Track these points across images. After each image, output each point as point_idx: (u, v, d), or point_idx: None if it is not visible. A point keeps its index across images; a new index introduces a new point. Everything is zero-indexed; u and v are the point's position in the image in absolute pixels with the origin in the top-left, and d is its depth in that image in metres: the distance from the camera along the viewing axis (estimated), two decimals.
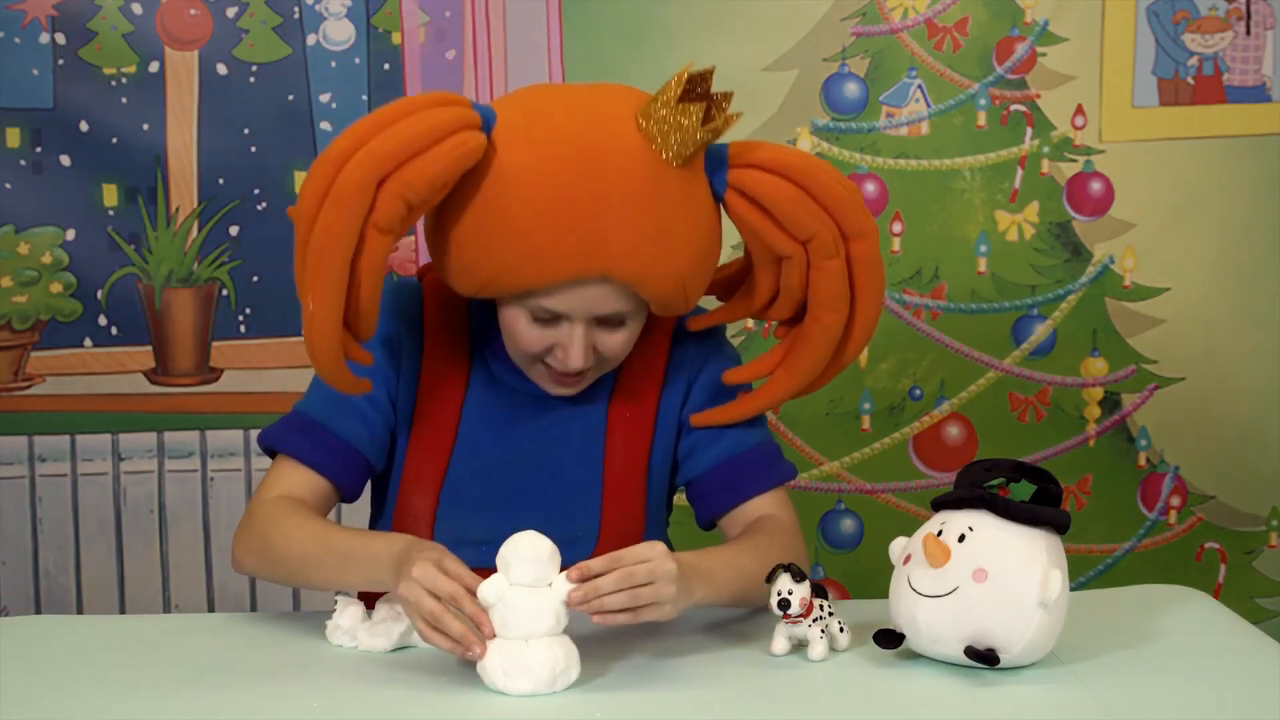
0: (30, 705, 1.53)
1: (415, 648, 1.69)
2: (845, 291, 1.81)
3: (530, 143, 1.71)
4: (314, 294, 1.69)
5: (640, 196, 1.70)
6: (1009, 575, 1.54)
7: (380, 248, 1.69)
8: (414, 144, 1.67)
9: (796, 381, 1.87)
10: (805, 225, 1.77)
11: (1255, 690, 1.55)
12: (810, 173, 1.78)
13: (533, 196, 1.69)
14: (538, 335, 1.78)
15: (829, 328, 1.83)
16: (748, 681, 1.58)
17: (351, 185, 1.65)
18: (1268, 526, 2.77)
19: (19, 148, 2.65)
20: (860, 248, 1.81)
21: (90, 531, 2.72)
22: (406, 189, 1.67)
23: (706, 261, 1.80)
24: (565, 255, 1.70)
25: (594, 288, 1.73)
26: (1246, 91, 2.69)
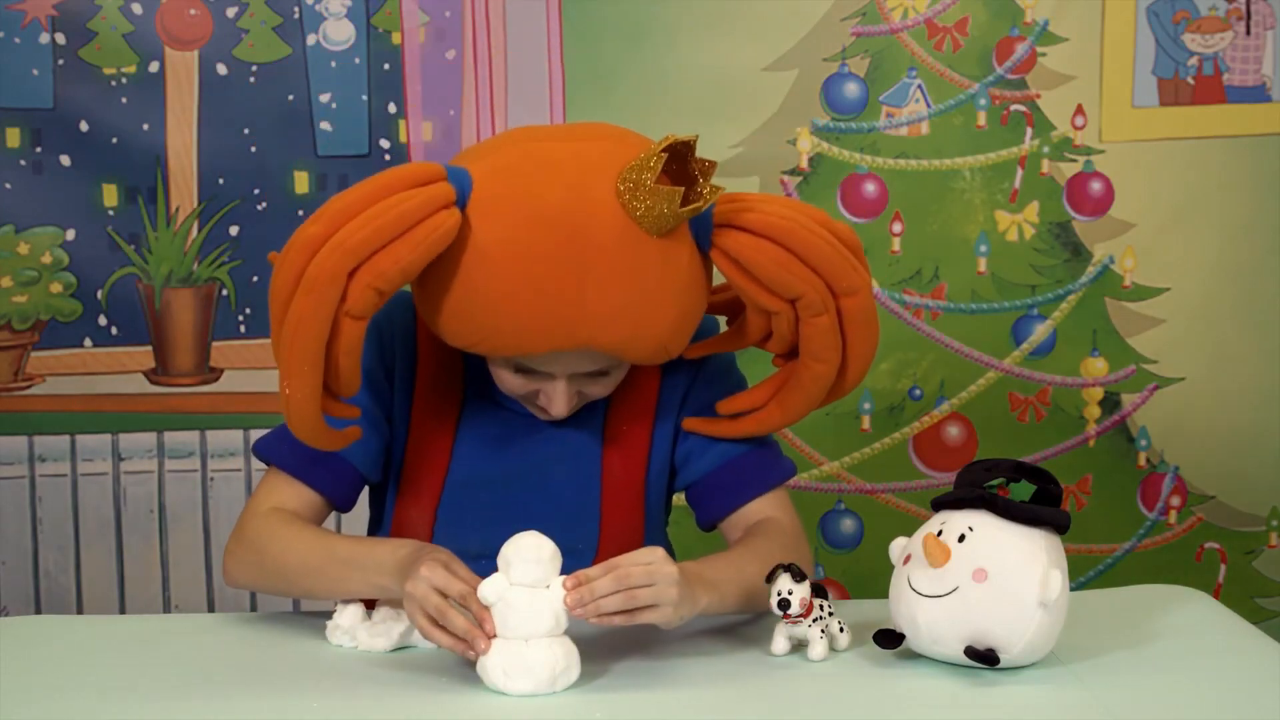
0: (30, 705, 1.53)
1: (415, 648, 1.69)
2: (836, 343, 1.80)
3: (507, 216, 1.69)
4: (288, 380, 1.70)
5: (620, 268, 1.68)
6: (1009, 575, 1.54)
7: (353, 332, 1.68)
8: (386, 232, 1.65)
9: (788, 418, 1.87)
10: (791, 287, 1.75)
11: (1255, 690, 1.55)
12: (796, 234, 1.74)
13: (510, 271, 1.68)
14: (521, 383, 1.79)
15: (820, 377, 1.82)
16: (748, 681, 1.58)
17: (324, 277, 1.64)
18: (1268, 526, 2.77)
19: (19, 148, 2.65)
20: (851, 304, 1.78)
21: (90, 531, 2.72)
22: (378, 278, 1.65)
23: (690, 319, 1.79)
24: (545, 329, 1.69)
25: (574, 355, 1.73)
26: (1246, 91, 2.69)
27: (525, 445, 1.88)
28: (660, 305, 1.73)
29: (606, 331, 1.70)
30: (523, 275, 1.67)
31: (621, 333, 1.71)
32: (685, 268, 1.74)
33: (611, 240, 1.68)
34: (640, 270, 1.70)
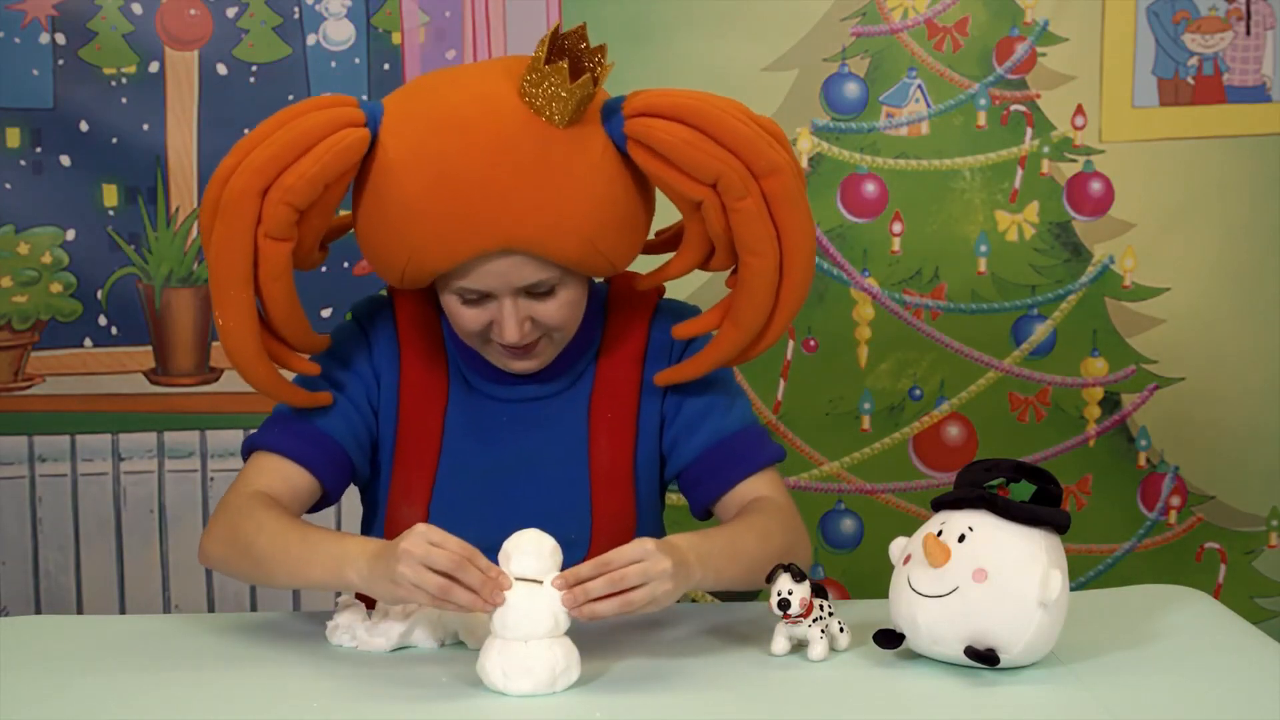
0: (30, 705, 1.53)
1: (415, 647, 1.69)
2: (768, 231, 1.77)
3: (412, 128, 1.74)
4: (220, 310, 1.74)
5: (527, 164, 1.71)
6: (1009, 575, 1.55)
7: (276, 255, 1.72)
8: (291, 149, 1.70)
9: (742, 332, 1.84)
10: (707, 167, 1.74)
11: (1255, 690, 1.55)
12: (705, 113, 1.74)
13: (419, 180, 1.71)
14: (473, 315, 1.79)
15: (759, 272, 1.79)
16: (748, 681, 1.58)
17: (235, 197, 1.70)
18: (1268, 526, 2.77)
19: (19, 148, 2.65)
20: (773, 184, 1.76)
21: (90, 531, 2.72)
22: (288, 194, 1.70)
23: (619, 219, 1.78)
24: (461, 233, 1.71)
25: (502, 260, 1.73)
26: (1246, 91, 2.69)
27: (512, 435, 1.89)
28: (576, 196, 1.73)
29: (524, 224, 1.71)
30: (435, 178, 1.71)
31: (540, 224, 1.71)
32: (599, 161, 1.75)
33: (517, 133, 1.71)
34: (550, 160, 1.72)
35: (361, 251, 1.82)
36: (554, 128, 1.72)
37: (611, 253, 1.79)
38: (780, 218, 1.78)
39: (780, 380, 2.72)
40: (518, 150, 1.71)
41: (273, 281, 1.74)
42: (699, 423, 1.90)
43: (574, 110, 1.71)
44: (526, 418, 1.88)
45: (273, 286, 1.74)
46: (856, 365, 2.72)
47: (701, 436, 1.90)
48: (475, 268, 1.74)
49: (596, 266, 1.79)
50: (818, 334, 2.71)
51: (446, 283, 1.77)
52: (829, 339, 2.71)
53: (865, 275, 2.70)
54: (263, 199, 1.70)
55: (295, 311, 1.78)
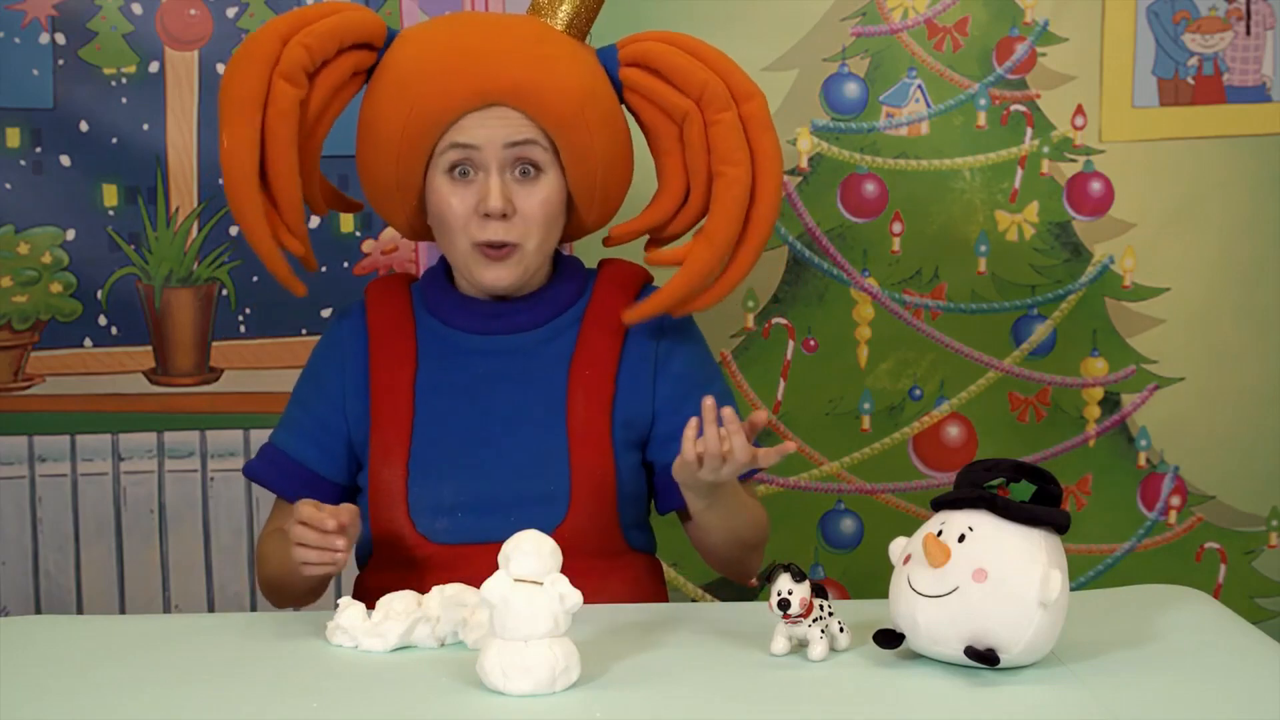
0: (30, 705, 1.53)
1: (415, 647, 1.70)
2: (744, 144, 1.94)
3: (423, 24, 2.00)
4: (224, 128, 1.89)
5: (529, 34, 1.92)
6: (1009, 575, 1.55)
7: (285, 96, 1.87)
8: (317, 11, 1.91)
9: (714, 250, 1.94)
10: (695, 78, 1.93)
11: (1255, 690, 1.55)
12: (689, 40, 1.99)
13: (424, 42, 1.92)
14: (459, 196, 1.89)
15: (735, 180, 1.93)
16: (748, 681, 1.58)
17: (259, 35, 1.90)
18: (1268, 526, 2.77)
19: (19, 148, 2.65)
20: (750, 108, 1.95)
21: (90, 531, 2.72)
22: (306, 35, 1.87)
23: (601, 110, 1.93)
24: (459, 79, 1.86)
25: (494, 112, 1.87)
26: (1246, 91, 2.69)
27: (491, 390, 1.93)
28: (567, 70, 1.91)
29: (517, 77, 1.87)
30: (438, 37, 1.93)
31: (531, 79, 1.87)
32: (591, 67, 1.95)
33: (520, 21, 1.96)
34: (547, 38, 1.93)
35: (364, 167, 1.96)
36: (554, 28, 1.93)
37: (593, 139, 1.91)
38: (754, 140, 1.95)
39: (780, 380, 2.72)
40: (517, 28, 1.93)
41: (278, 122, 1.88)
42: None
43: (574, 10, 1.95)
44: (504, 373, 1.94)
45: (277, 128, 1.88)
46: (856, 365, 2.72)
47: None
48: (466, 120, 1.87)
49: (576, 149, 1.90)
50: (818, 334, 2.71)
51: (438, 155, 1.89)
52: (829, 339, 2.71)
53: (865, 275, 2.70)
54: (284, 45, 1.87)
55: (293, 173, 1.90)
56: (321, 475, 1.99)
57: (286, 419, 2.05)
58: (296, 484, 1.99)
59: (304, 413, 2.02)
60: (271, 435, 2.06)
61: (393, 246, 2.65)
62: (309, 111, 1.91)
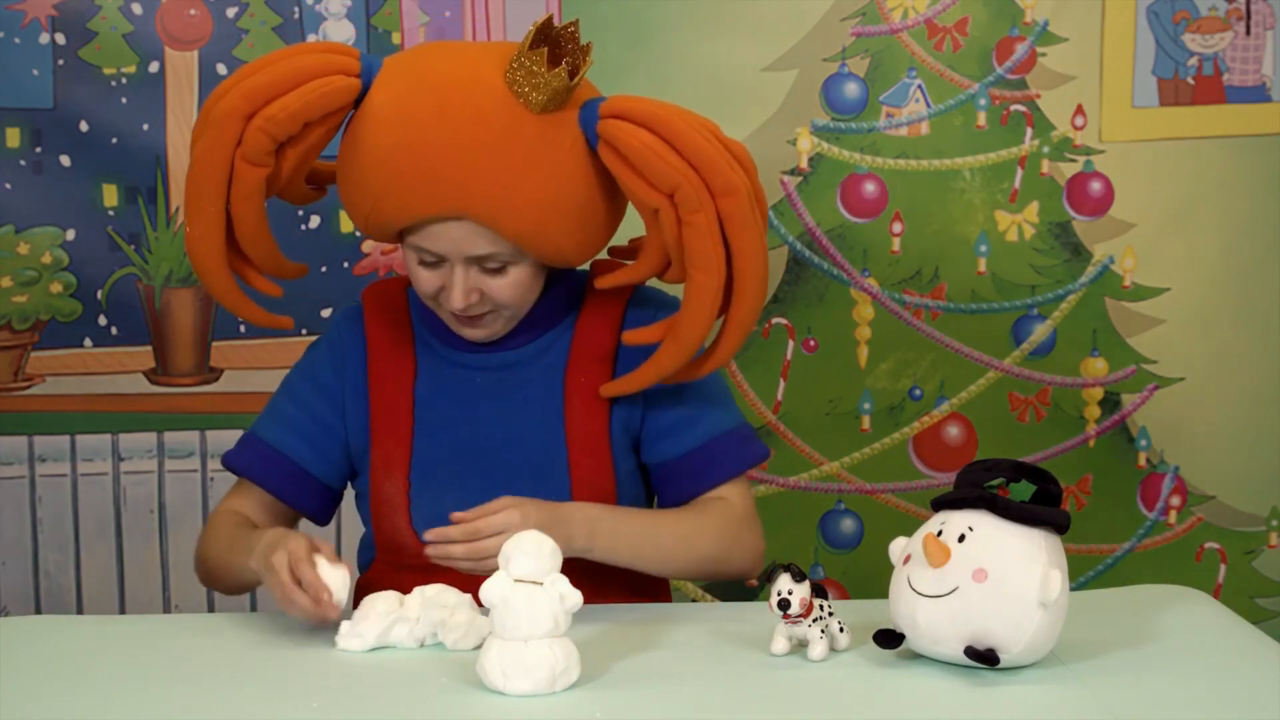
0: (30, 705, 1.53)
1: (395, 648, 1.69)
2: (716, 250, 1.81)
3: (398, 85, 1.82)
4: (188, 216, 1.86)
5: (494, 139, 1.78)
6: (1009, 575, 1.55)
7: (249, 178, 1.82)
8: (282, 83, 1.80)
9: (680, 348, 1.87)
10: (666, 176, 1.79)
11: (1255, 690, 1.55)
12: (672, 124, 1.80)
13: (390, 134, 1.80)
14: (427, 277, 1.86)
15: (703, 287, 1.83)
16: (748, 681, 1.58)
17: (221, 117, 1.81)
18: (1268, 526, 2.77)
19: (19, 148, 2.65)
20: (729, 204, 1.81)
21: (90, 531, 2.72)
22: (268, 123, 1.79)
23: (576, 210, 1.83)
24: (417, 193, 1.79)
25: (454, 225, 1.80)
26: (1246, 91, 2.69)
27: (488, 402, 1.93)
28: (534, 178, 1.79)
29: (479, 194, 1.78)
30: (405, 134, 1.79)
31: (494, 196, 1.78)
32: (566, 153, 1.81)
33: (491, 109, 1.78)
34: (516, 140, 1.78)
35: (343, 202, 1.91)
36: (528, 111, 1.79)
37: (563, 242, 1.84)
38: (733, 238, 1.82)
39: (780, 380, 2.72)
40: (487, 125, 1.78)
41: (243, 202, 1.84)
42: (689, 424, 1.94)
43: (549, 98, 1.78)
44: (501, 385, 1.94)
45: (242, 207, 1.85)
46: (856, 365, 2.72)
47: (690, 438, 1.93)
48: (430, 229, 1.81)
49: (545, 251, 1.84)
50: (818, 334, 2.71)
51: (406, 239, 1.85)
52: (829, 339, 2.71)
53: (865, 275, 2.70)
54: (247, 123, 1.80)
55: (263, 235, 1.88)
56: (310, 473, 1.97)
57: (277, 413, 2.01)
58: (282, 478, 1.97)
59: (299, 410, 1.99)
60: (255, 426, 2.02)
61: (393, 247, 2.65)
62: (277, 177, 1.86)
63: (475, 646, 1.65)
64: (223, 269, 1.89)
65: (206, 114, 1.84)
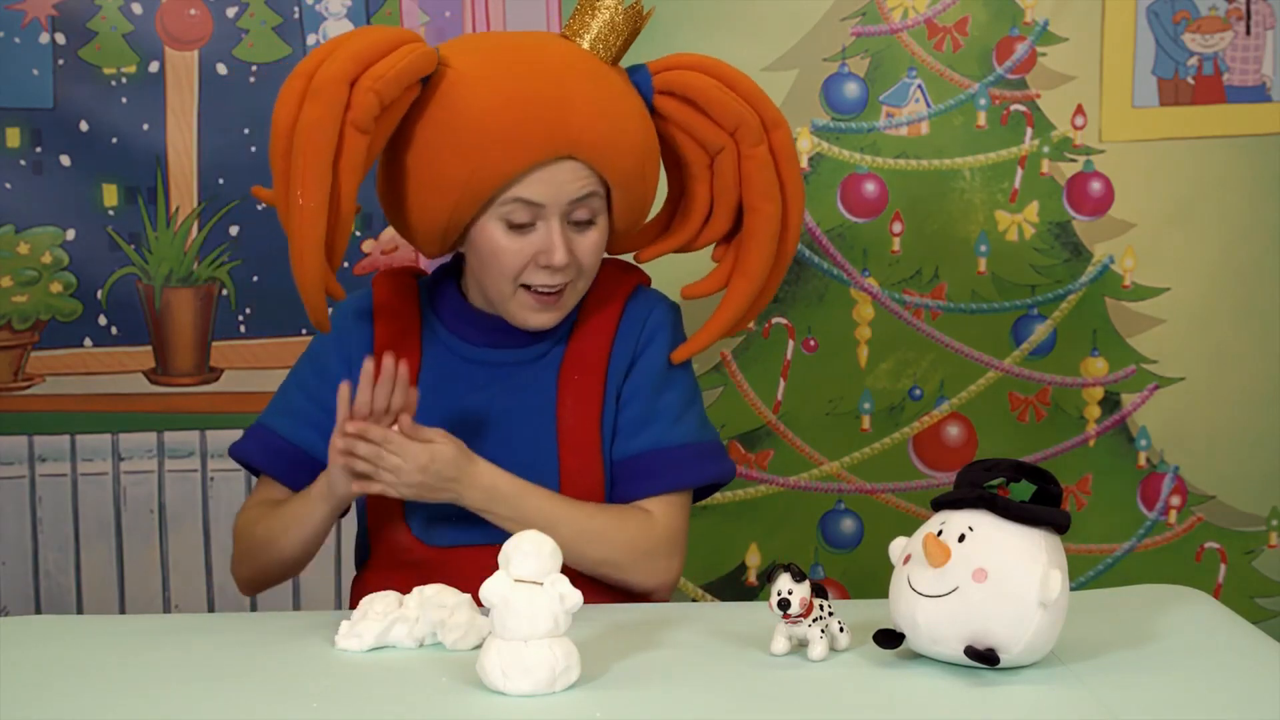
0: (30, 705, 1.53)
1: (394, 648, 1.69)
2: (775, 180, 1.94)
3: (479, 55, 1.86)
4: (303, 188, 1.79)
5: (589, 80, 1.84)
6: (1009, 575, 1.54)
7: (357, 148, 1.79)
8: (378, 47, 1.80)
9: (752, 282, 1.96)
10: (731, 111, 1.91)
11: (1255, 690, 1.55)
12: (722, 68, 1.94)
13: (491, 90, 1.82)
14: (517, 247, 1.85)
15: (770, 217, 1.94)
16: (748, 681, 1.58)
17: (329, 80, 1.77)
18: (1268, 526, 2.77)
19: (19, 148, 2.65)
20: (779, 137, 1.95)
21: (90, 531, 2.72)
22: (377, 82, 1.78)
23: (655, 155, 1.92)
24: (531, 136, 1.80)
25: (562, 166, 1.83)
26: (1246, 91, 2.69)
27: (484, 396, 1.94)
28: (630, 115, 1.88)
29: (588, 133, 1.82)
30: (503, 88, 1.82)
31: (601, 131, 1.83)
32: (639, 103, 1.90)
33: (577, 57, 1.87)
34: (608, 83, 1.87)
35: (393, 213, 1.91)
36: (605, 63, 1.88)
37: (647, 190, 1.91)
38: (783, 172, 1.95)
39: (780, 380, 2.72)
40: (580, 69, 1.86)
41: (351, 173, 1.80)
42: (638, 427, 1.95)
43: (619, 45, 1.88)
44: (500, 382, 1.95)
45: (350, 179, 1.80)
46: (856, 365, 2.72)
47: (637, 441, 1.94)
48: (534, 174, 1.82)
49: (633, 198, 1.89)
50: (818, 334, 2.71)
51: (497, 203, 1.84)
52: (829, 339, 2.71)
53: (865, 275, 2.70)
54: (351, 89, 1.78)
55: (352, 218, 1.85)
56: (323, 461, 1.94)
57: (284, 403, 2.01)
58: (292, 467, 1.97)
59: (306, 398, 1.99)
60: (263, 417, 2.02)
61: (393, 246, 2.65)
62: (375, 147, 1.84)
63: (475, 646, 1.65)
64: (323, 248, 1.83)
65: (301, 89, 1.79)
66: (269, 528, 1.93)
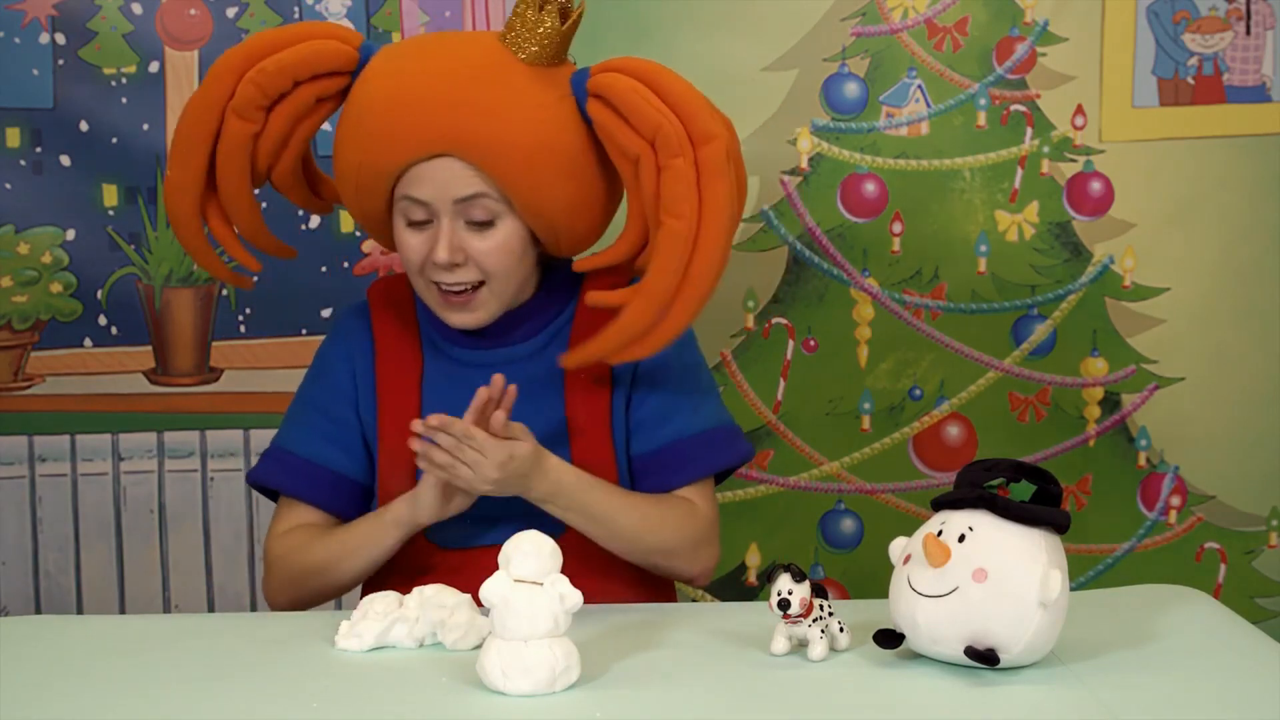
0: (30, 705, 1.53)
1: (394, 648, 1.69)
2: (691, 195, 1.82)
3: (394, 51, 1.91)
4: (171, 163, 1.91)
5: (480, 80, 1.83)
6: (1009, 575, 1.55)
7: (237, 132, 1.88)
8: (278, 42, 1.88)
9: (649, 302, 1.85)
10: (649, 119, 1.82)
11: (1255, 690, 1.55)
12: (657, 74, 1.86)
13: (383, 82, 1.86)
14: (415, 244, 1.87)
15: (676, 234, 1.82)
16: (748, 681, 1.58)
17: (219, 69, 1.88)
18: (1268, 526, 2.77)
19: (19, 148, 2.65)
20: (707, 152, 1.83)
21: (90, 531, 2.72)
22: (260, 74, 1.86)
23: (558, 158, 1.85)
24: (406, 130, 1.82)
25: (441, 164, 1.82)
26: (1246, 91, 2.69)
27: None
28: (521, 119, 1.83)
29: (465, 128, 1.81)
30: (393, 82, 1.85)
31: (480, 131, 1.81)
32: (553, 104, 1.86)
33: (481, 58, 1.85)
34: (503, 83, 1.83)
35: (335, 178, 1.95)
36: (519, 64, 1.84)
37: (552, 194, 1.86)
38: (705, 187, 1.83)
39: (780, 380, 2.72)
40: (472, 66, 1.84)
41: (227, 158, 1.90)
42: (661, 419, 1.95)
43: (540, 47, 1.85)
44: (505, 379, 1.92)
45: (227, 163, 1.90)
46: (856, 365, 2.72)
47: (662, 433, 1.94)
48: (416, 171, 1.83)
49: (532, 201, 1.85)
50: (818, 334, 2.71)
51: (396, 201, 1.87)
52: (829, 339, 2.71)
53: (865, 275, 2.70)
54: (238, 80, 1.87)
55: (244, 197, 1.93)
56: (346, 476, 1.96)
57: (297, 422, 2.00)
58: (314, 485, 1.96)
59: (320, 414, 1.98)
60: (278, 439, 2.01)
61: None
62: (268, 140, 1.91)
63: (475, 646, 1.65)
64: (195, 221, 1.94)
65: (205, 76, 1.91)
66: (326, 554, 1.90)
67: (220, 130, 1.88)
